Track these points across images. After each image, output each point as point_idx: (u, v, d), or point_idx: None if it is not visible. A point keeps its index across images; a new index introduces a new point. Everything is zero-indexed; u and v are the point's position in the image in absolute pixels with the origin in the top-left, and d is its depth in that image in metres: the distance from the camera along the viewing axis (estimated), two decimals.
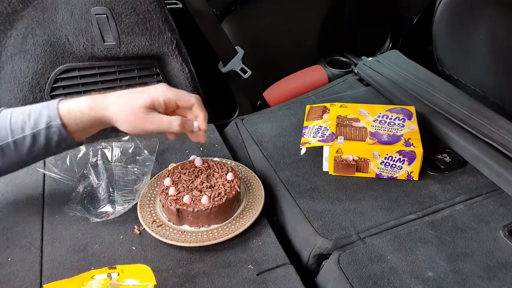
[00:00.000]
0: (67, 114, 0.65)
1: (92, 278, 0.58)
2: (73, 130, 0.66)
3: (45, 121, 0.65)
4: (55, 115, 0.65)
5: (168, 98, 0.67)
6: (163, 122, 0.66)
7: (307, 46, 1.35)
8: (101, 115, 0.66)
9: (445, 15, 1.13)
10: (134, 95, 0.67)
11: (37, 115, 0.65)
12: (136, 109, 0.65)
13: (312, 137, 0.84)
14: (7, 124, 0.65)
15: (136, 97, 0.66)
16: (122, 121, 0.66)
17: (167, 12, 0.94)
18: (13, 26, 0.89)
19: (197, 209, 0.70)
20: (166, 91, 0.67)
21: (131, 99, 0.66)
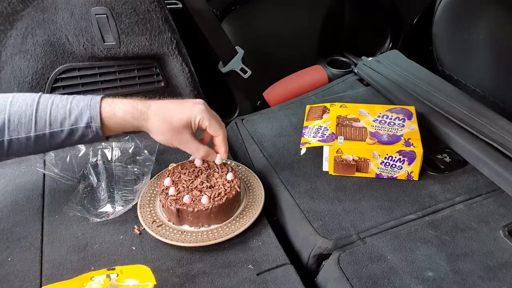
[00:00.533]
0: (109, 119, 0.68)
1: (91, 279, 0.58)
2: (109, 131, 0.70)
3: (86, 121, 0.67)
4: (96, 117, 0.67)
5: (202, 120, 0.71)
6: (191, 147, 0.73)
7: (307, 46, 1.35)
8: (140, 124, 0.70)
9: (445, 15, 1.13)
10: (174, 111, 0.70)
11: (78, 113, 0.67)
12: (173, 127, 0.70)
13: (312, 137, 0.84)
14: (47, 116, 0.66)
15: (175, 115, 0.70)
16: (158, 134, 0.71)
17: (167, 12, 0.94)
18: (13, 26, 0.89)
19: (197, 209, 0.70)
20: (203, 113, 0.71)
21: (171, 117, 0.70)
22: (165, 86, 1.02)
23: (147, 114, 0.69)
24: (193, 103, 0.72)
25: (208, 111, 0.72)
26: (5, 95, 0.67)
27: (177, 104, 0.72)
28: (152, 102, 0.71)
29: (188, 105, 0.71)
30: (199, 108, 0.71)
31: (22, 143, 0.67)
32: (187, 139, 0.72)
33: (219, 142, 0.75)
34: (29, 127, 0.66)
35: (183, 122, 0.70)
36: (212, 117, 0.72)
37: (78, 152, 0.86)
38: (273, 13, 1.27)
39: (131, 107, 0.69)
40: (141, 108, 0.69)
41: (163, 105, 0.71)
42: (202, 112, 0.71)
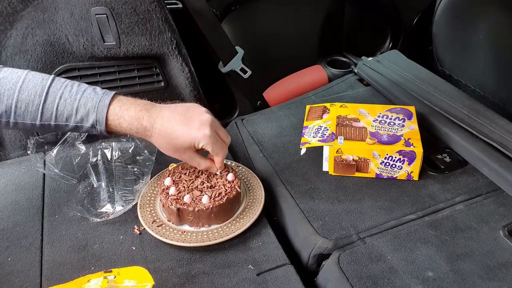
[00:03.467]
0: (114, 127, 0.69)
1: (88, 282, 0.58)
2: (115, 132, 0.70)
3: (91, 123, 0.68)
4: (102, 121, 0.67)
5: (206, 146, 0.69)
6: (194, 161, 0.73)
7: (307, 46, 1.36)
8: (144, 139, 0.70)
9: (445, 15, 1.13)
10: (178, 132, 0.68)
11: (84, 113, 0.67)
12: (176, 148, 0.70)
13: (312, 137, 0.84)
14: (53, 109, 0.67)
15: (179, 137, 0.68)
16: (160, 149, 0.72)
17: (167, 12, 0.94)
18: (13, 26, 0.89)
19: (197, 209, 0.70)
20: (207, 139, 0.69)
21: (175, 138, 0.68)
22: (165, 86, 1.02)
23: (151, 132, 0.68)
24: (200, 124, 0.68)
25: (213, 136, 0.69)
26: (17, 75, 0.66)
27: (183, 125, 0.68)
28: (158, 118, 0.68)
29: (194, 127, 0.68)
30: (204, 133, 0.68)
31: (28, 127, 0.68)
32: (189, 157, 0.72)
33: (218, 162, 0.75)
34: (35, 116, 0.66)
35: (186, 145, 0.69)
36: (215, 143, 0.70)
37: (78, 152, 0.86)
38: (273, 13, 1.27)
39: (136, 121, 0.68)
40: (146, 125, 0.68)
41: (169, 124, 0.68)
42: (207, 138, 0.68)
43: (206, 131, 0.68)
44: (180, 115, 0.69)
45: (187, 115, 0.69)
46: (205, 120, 0.69)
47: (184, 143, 0.69)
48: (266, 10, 1.26)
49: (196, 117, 0.69)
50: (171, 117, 0.69)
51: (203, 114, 0.70)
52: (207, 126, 0.69)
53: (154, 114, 0.68)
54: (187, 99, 1.04)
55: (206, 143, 0.69)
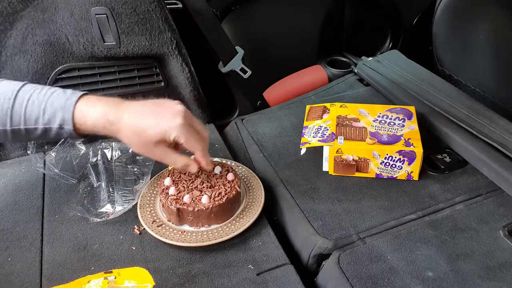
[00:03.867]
0: (80, 124, 0.66)
1: (88, 282, 0.58)
2: (84, 133, 0.68)
3: (58, 123, 0.65)
4: (69, 120, 0.65)
5: (178, 136, 0.64)
6: (168, 158, 0.68)
7: (307, 46, 1.35)
8: (112, 135, 0.66)
9: (445, 15, 1.13)
10: (147, 123, 0.64)
11: (51, 113, 0.65)
12: (146, 141, 0.65)
13: (312, 137, 0.84)
14: (22, 112, 0.65)
15: (149, 129, 0.64)
16: (131, 145, 0.68)
17: (167, 12, 0.94)
18: (13, 26, 0.89)
19: (197, 209, 0.70)
20: (179, 129, 0.64)
21: (144, 130, 0.64)
22: (165, 86, 1.02)
23: (118, 126, 0.64)
24: (172, 115, 0.64)
25: (186, 126, 0.64)
26: None
27: (153, 116, 0.65)
28: (126, 112, 0.65)
29: (165, 118, 0.64)
30: (175, 123, 0.64)
31: (0, 134, 0.66)
32: (162, 152, 0.66)
33: (198, 157, 0.69)
34: (4, 121, 0.65)
35: (157, 138, 0.64)
36: (190, 133, 0.65)
37: (78, 152, 0.86)
38: (273, 13, 1.27)
39: (102, 117, 0.64)
40: (113, 120, 0.64)
41: (137, 115, 0.65)
42: (179, 128, 0.64)
43: (178, 120, 0.64)
44: (150, 107, 0.66)
45: (157, 107, 0.66)
46: (177, 110, 0.65)
47: (155, 135, 0.64)
48: (266, 10, 1.26)
49: (167, 108, 0.66)
50: (140, 109, 0.65)
51: (174, 105, 0.66)
52: (178, 116, 0.64)
53: (122, 108, 0.65)
54: (187, 99, 1.04)
55: (179, 133, 0.64)
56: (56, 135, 0.67)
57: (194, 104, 1.04)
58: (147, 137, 0.64)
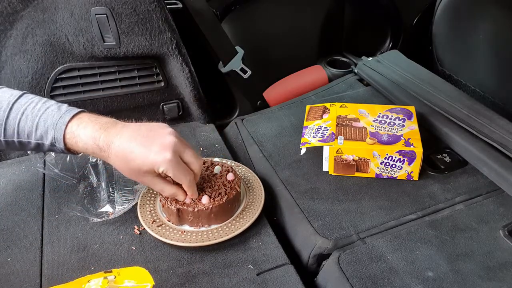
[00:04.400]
0: (71, 145, 0.66)
1: (88, 282, 0.58)
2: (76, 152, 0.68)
3: (50, 140, 0.66)
4: (60, 139, 0.65)
5: (166, 170, 0.63)
6: (156, 186, 0.68)
7: (307, 46, 1.35)
8: (102, 159, 0.67)
9: (445, 15, 1.13)
10: (136, 154, 0.63)
11: (43, 130, 0.65)
12: (134, 171, 0.65)
13: (312, 137, 0.84)
14: (15, 125, 0.66)
15: (137, 159, 0.63)
16: (120, 170, 0.66)
17: (167, 12, 0.94)
18: (13, 26, 0.89)
19: (197, 209, 0.70)
20: (167, 164, 0.63)
21: (132, 160, 0.63)
22: (165, 86, 1.02)
23: (108, 153, 0.64)
24: (161, 147, 0.63)
25: (175, 161, 0.63)
26: None
27: (142, 146, 0.63)
28: (116, 137, 0.63)
29: (153, 150, 0.63)
30: (164, 157, 0.62)
31: None
32: (150, 181, 0.66)
33: (185, 187, 0.68)
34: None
35: (144, 168, 0.64)
36: (177, 168, 0.64)
37: None
38: (273, 13, 1.27)
39: (92, 141, 0.64)
40: (102, 145, 0.64)
41: (126, 144, 0.63)
42: (167, 163, 0.62)
43: (167, 154, 0.62)
44: (141, 136, 0.64)
45: (148, 135, 0.64)
46: (167, 142, 0.63)
47: (142, 166, 0.63)
48: (266, 10, 1.26)
49: (158, 138, 0.64)
50: (130, 137, 0.64)
51: (166, 136, 0.64)
52: (168, 149, 0.63)
53: (112, 134, 0.64)
54: (187, 99, 1.05)
55: (166, 168, 0.63)
56: (49, 150, 0.68)
57: (194, 104, 1.04)
58: (135, 167, 0.64)
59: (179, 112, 1.06)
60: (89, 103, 0.98)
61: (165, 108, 1.05)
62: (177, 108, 1.06)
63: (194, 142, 0.97)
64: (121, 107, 1.01)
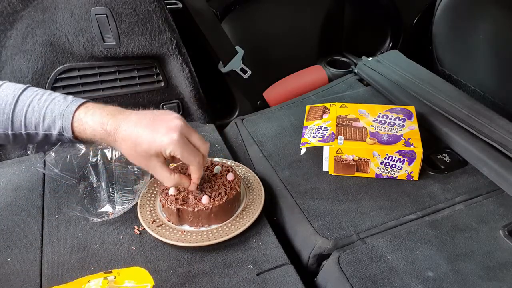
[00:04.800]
0: (79, 132, 0.67)
1: (88, 282, 0.58)
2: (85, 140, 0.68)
3: (58, 130, 0.66)
4: (68, 128, 0.66)
5: (174, 151, 0.64)
6: (160, 175, 0.67)
7: (307, 46, 1.36)
8: (110, 144, 0.67)
9: (445, 15, 1.13)
10: (143, 137, 0.63)
11: (50, 120, 0.66)
12: (139, 154, 0.65)
13: (312, 137, 0.84)
14: (22, 118, 0.66)
15: (143, 143, 0.63)
16: (127, 156, 0.67)
17: (167, 12, 0.94)
18: (13, 26, 0.89)
19: (197, 209, 0.70)
20: (175, 144, 0.63)
21: (139, 144, 0.64)
22: (165, 86, 1.03)
23: (115, 137, 0.65)
24: (167, 130, 0.63)
25: (182, 141, 0.64)
26: None
27: (149, 129, 0.64)
28: (123, 123, 0.65)
29: (160, 132, 0.63)
30: (171, 138, 0.63)
31: (2, 137, 0.67)
32: (155, 166, 0.66)
33: (192, 170, 0.68)
34: (6, 125, 0.66)
35: (152, 152, 0.64)
36: (185, 148, 0.64)
37: (78, 152, 0.86)
38: (273, 13, 1.27)
39: (100, 127, 0.65)
40: (110, 130, 0.64)
41: (134, 128, 0.64)
42: (174, 143, 0.63)
43: (174, 135, 0.63)
44: (148, 120, 0.65)
45: (155, 119, 0.65)
46: (174, 125, 0.64)
47: (150, 149, 0.64)
48: (266, 10, 1.26)
49: (165, 122, 0.65)
50: (137, 121, 0.65)
51: (173, 120, 0.65)
52: (175, 131, 0.63)
53: (119, 119, 0.65)
54: (187, 99, 1.05)
55: (174, 148, 0.63)
56: (57, 140, 0.68)
57: (194, 104, 1.05)
58: (143, 151, 0.64)
59: (179, 112, 1.06)
60: None
61: (165, 108, 1.05)
62: (177, 108, 1.06)
63: None
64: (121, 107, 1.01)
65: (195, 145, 0.67)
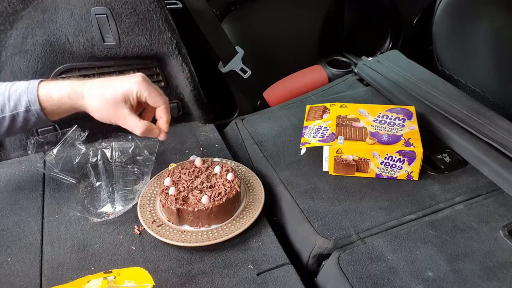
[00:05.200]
0: (46, 100, 0.69)
1: (88, 282, 0.58)
2: (50, 113, 0.71)
3: (25, 105, 0.69)
4: (34, 100, 0.68)
5: (140, 91, 0.68)
6: (130, 122, 0.70)
7: (307, 46, 1.36)
8: (77, 104, 0.70)
9: (445, 15, 1.13)
10: (107, 86, 0.69)
11: (16, 98, 0.69)
12: (108, 102, 0.68)
13: (312, 137, 0.84)
14: None
15: (109, 90, 0.68)
16: (95, 111, 0.70)
17: (167, 12, 0.94)
18: (13, 26, 0.89)
19: (197, 209, 0.70)
20: (140, 84, 0.69)
21: (104, 92, 0.68)
22: (165, 86, 1.02)
23: (82, 92, 0.69)
24: (130, 76, 0.70)
25: (146, 82, 0.70)
26: None
27: (113, 79, 0.70)
28: (88, 80, 0.71)
29: (124, 79, 0.70)
30: (135, 80, 0.69)
31: None
32: (125, 114, 0.69)
33: (161, 111, 0.72)
34: None
35: (119, 96, 0.68)
36: (151, 88, 0.70)
37: (78, 152, 0.86)
38: (273, 13, 1.27)
39: (66, 87, 0.69)
40: (76, 87, 0.69)
41: (99, 81, 0.70)
42: (139, 83, 0.69)
43: (138, 78, 0.69)
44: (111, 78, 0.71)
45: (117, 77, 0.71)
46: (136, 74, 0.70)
47: (117, 94, 0.68)
48: (266, 10, 1.26)
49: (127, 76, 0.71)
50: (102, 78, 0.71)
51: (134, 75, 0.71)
52: (138, 76, 0.70)
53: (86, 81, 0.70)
54: (187, 99, 1.04)
55: (140, 88, 0.68)
56: (24, 120, 0.70)
57: (194, 104, 1.04)
58: (110, 98, 0.68)
59: (179, 112, 1.06)
60: None
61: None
62: (177, 108, 1.06)
63: (194, 142, 0.97)
64: None
65: None
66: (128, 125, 0.70)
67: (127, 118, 0.69)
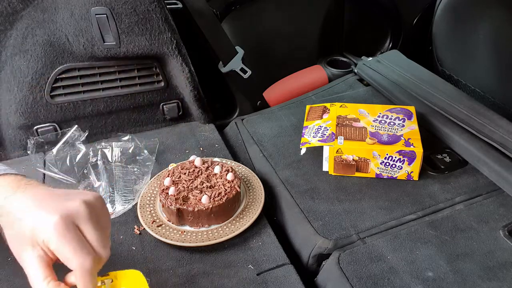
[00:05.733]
0: None
1: None
2: None
3: None
4: None
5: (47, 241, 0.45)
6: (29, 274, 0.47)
7: (307, 46, 1.36)
8: None
9: (445, 15, 1.13)
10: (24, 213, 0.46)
11: None
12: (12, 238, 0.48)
13: (312, 137, 0.84)
14: None
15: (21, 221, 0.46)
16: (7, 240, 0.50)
17: (167, 12, 0.94)
18: (13, 26, 0.89)
19: (197, 209, 0.70)
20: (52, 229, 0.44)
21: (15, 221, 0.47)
22: (165, 86, 1.02)
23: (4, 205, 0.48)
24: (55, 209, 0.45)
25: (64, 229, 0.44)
26: None
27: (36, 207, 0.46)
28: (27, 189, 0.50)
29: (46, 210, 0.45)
30: (49, 220, 0.44)
31: None
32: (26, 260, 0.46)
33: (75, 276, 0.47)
34: None
35: (24, 237, 0.45)
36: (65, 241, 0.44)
37: (78, 152, 0.86)
38: (273, 13, 1.27)
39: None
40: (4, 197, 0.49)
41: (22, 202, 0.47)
42: (50, 228, 0.44)
43: (55, 217, 0.44)
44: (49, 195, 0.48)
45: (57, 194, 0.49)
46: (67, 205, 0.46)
47: (22, 232, 0.45)
48: (266, 10, 1.26)
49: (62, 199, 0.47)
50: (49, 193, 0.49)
51: (73, 199, 0.47)
52: (60, 213, 0.45)
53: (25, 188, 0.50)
54: (187, 99, 1.04)
55: (48, 236, 0.44)
56: None
57: (194, 104, 1.05)
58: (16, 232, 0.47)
59: (179, 112, 1.06)
60: (89, 103, 0.98)
61: (165, 108, 1.05)
62: (177, 108, 1.06)
63: (194, 142, 0.97)
64: (121, 107, 1.01)
65: (88, 240, 0.47)
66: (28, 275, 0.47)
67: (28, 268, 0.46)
